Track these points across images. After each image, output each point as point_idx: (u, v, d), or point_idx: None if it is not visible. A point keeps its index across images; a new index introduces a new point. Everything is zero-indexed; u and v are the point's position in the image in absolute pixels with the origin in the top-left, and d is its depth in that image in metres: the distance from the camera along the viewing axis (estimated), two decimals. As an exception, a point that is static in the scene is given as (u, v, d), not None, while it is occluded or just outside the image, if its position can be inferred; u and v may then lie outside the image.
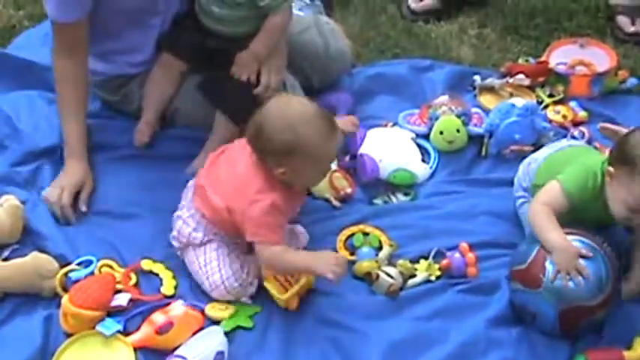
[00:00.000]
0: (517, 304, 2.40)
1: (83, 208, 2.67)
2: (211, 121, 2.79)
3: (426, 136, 2.94)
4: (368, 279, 2.48)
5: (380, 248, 2.57)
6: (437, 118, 2.94)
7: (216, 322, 2.38)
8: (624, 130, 2.55)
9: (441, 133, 2.91)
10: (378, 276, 2.46)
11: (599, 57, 3.23)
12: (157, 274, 2.51)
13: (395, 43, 3.38)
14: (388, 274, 2.46)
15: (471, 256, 2.52)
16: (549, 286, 2.29)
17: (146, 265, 2.52)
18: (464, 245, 2.54)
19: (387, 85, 3.14)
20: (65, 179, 2.68)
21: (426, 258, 2.54)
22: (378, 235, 2.60)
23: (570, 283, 2.27)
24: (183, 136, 2.87)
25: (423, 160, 2.87)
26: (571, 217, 2.39)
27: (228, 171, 2.41)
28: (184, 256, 2.49)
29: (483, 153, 2.91)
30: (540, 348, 2.34)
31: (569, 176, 2.42)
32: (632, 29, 3.44)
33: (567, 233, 2.33)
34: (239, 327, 2.37)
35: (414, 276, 2.51)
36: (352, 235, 2.61)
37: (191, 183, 2.53)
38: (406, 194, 2.78)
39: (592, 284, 2.28)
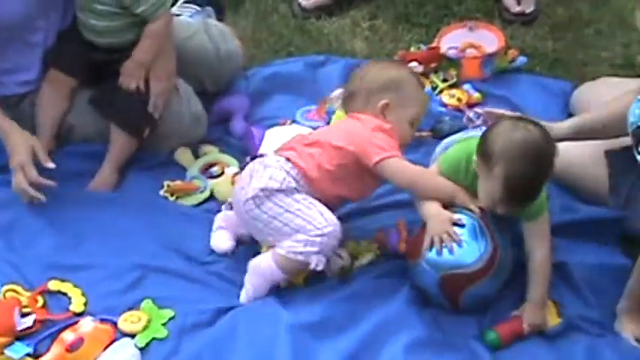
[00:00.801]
0: (414, 282, 2.44)
1: (50, 165, 2.66)
2: (108, 134, 2.77)
3: (326, 131, 2.95)
4: None
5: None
6: (334, 112, 2.95)
7: (130, 336, 2.35)
8: (508, 114, 2.60)
9: (341, 123, 2.93)
10: (328, 258, 2.46)
11: (488, 39, 3.28)
12: (65, 294, 2.47)
13: (288, 42, 3.40)
14: (338, 255, 2.48)
15: (405, 234, 2.53)
16: (427, 256, 2.35)
17: (54, 285, 2.49)
18: (400, 222, 2.56)
19: (283, 84, 3.15)
20: (17, 157, 2.64)
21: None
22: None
23: (445, 250, 2.32)
24: (82, 152, 2.85)
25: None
26: None
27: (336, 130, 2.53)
28: (265, 204, 2.39)
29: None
30: (449, 326, 2.38)
31: (446, 156, 2.47)
32: (517, 9, 3.51)
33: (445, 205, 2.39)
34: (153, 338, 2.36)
35: (356, 258, 2.53)
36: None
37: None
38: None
39: (467, 251, 2.33)
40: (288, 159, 2.43)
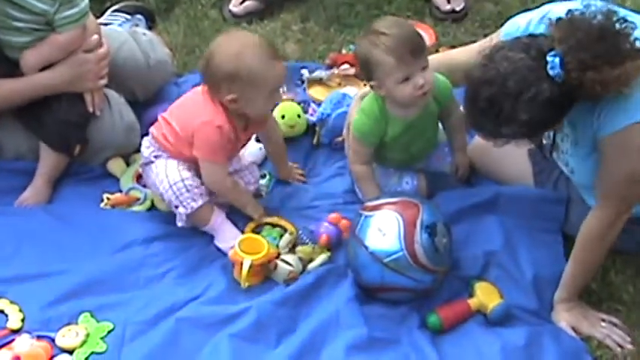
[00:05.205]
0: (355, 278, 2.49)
1: None
2: (38, 150, 2.74)
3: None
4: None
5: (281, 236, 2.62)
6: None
7: (69, 352, 2.34)
8: None
9: (283, 117, 2.92)
10: (276, 265, 2.48)
11: (418, 36, 3.30)
12: (2, 311, 2.43)
13: (220, 48, 3.37)
14: (286, 262, 2.49)
15: (344, 222, 2.57)
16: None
17: (-11, 303, 2.45)
18: (332, 216, 2.59)
19: (215, 89, 3.14)
20: None
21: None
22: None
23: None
24: (11, 169, 2.81)
25: (258, 140, 2.88)
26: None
27: (185, 104, 2.65)
28: (146, 175, 2.66)
29: (315, 142, 2.96)
30: (391, 322, 2.41)
31: (355, 121, 2.63)
32: (447, 7, 3.54)
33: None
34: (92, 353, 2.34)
35: (310, 260, 2.55)
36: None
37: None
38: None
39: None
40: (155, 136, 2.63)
